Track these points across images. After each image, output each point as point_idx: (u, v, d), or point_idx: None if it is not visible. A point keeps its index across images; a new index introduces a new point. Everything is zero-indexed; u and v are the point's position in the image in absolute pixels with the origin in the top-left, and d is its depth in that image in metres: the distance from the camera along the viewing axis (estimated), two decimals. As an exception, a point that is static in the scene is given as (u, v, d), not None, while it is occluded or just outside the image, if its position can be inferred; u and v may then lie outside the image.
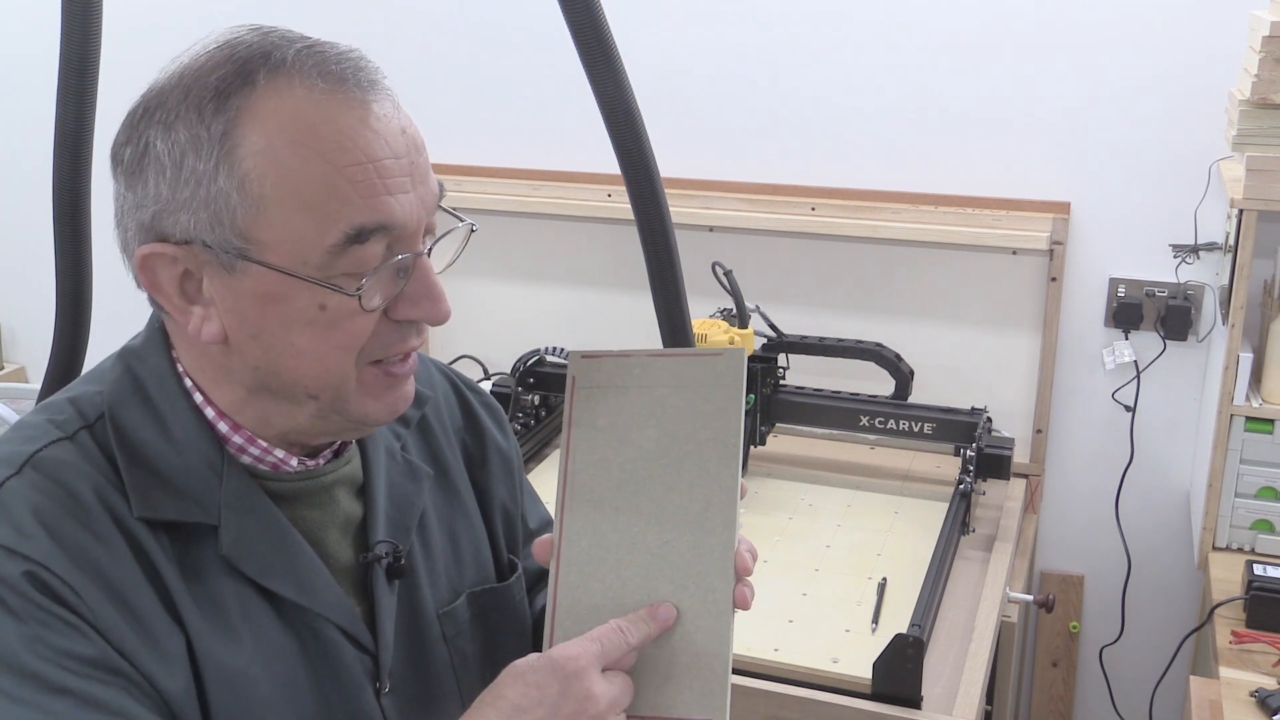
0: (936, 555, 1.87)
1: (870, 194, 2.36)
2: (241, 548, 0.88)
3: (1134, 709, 2.42)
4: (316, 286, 0.84)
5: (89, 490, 0.85)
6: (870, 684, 1.60)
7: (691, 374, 0.92)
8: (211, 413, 0.91)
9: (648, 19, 2.41)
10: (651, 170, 1.46)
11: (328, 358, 0.87)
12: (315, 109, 0.84)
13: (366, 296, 0.85)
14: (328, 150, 0.83)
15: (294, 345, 0.86)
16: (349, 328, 0.86)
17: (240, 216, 0.83)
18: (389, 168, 0.85)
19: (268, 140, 0.82)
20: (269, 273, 0.84)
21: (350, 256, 0.84)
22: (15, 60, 2.88)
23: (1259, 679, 1.65)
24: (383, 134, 0.86)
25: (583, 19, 1.38)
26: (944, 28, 2.27)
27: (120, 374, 0.92)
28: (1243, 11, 2.04)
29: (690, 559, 0.88)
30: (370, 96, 0.87)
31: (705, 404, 0.91)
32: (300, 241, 0.83)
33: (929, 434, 2.19)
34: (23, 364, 3.11)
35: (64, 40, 1.30)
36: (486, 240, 2.71)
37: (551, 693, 0.83)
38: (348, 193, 0.83)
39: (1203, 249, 2.20)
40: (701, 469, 0.90)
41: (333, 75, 0.85)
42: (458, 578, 1.04)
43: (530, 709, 0.83)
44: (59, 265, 1.38)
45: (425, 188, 0.89)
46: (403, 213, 0.86)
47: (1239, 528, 2.01)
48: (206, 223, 0.83)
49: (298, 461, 0.94)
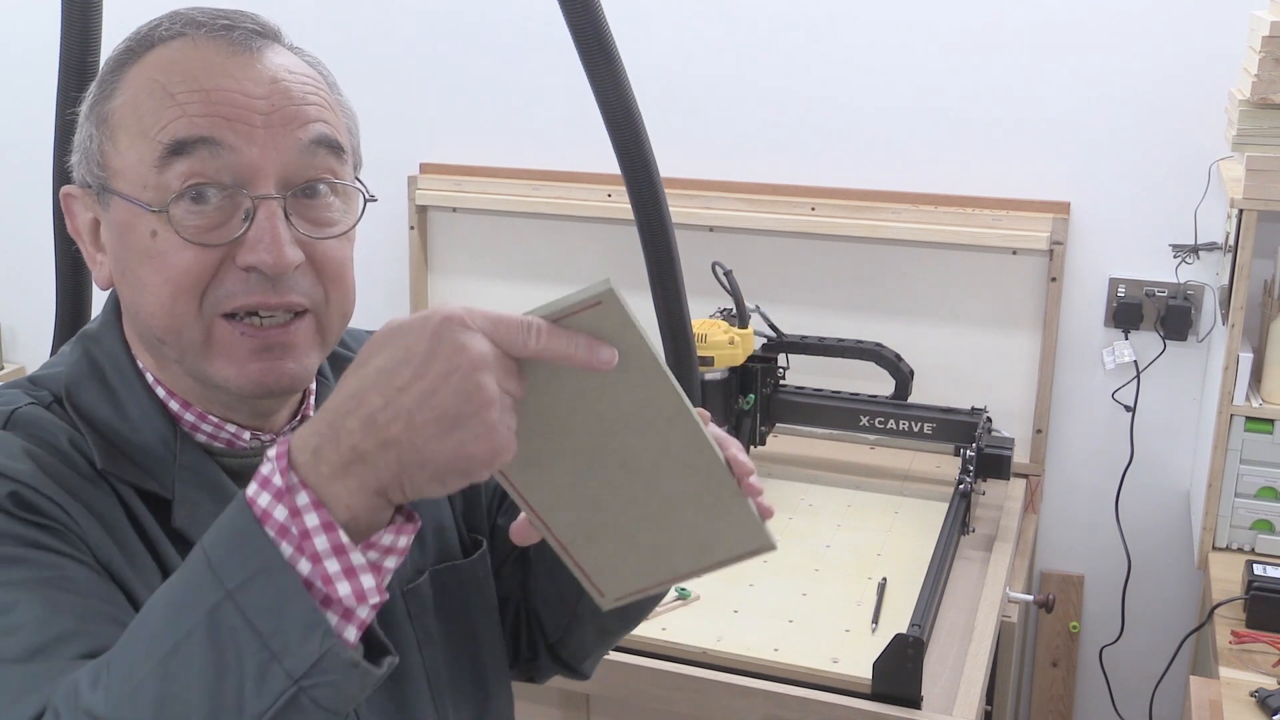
0: (936, 555, 1.87)
1: (870, 194, 2.36)
2: (196, 523, 0.89)
3: (1134, 709, 2.42)
4: (146, 211, 0.87)
5: (65, 442, 0.88)
6: (870, 684, 1.60)
7: (579, 326, 0.76)
8: (163, 392, 0.93)
9: (648, 19, 2.41)
10: (651, 170, 1.46)
11: (162, 292, 0.88)
12: (180, 53, 0.89)
13: (177, 218, 0.86)
14: (172, 80, 0.87)
15: (141, 280, 0.89)
16: (176, 260, 0.87)
17: (97, 146, 0.90)
18: (233, 98, 0.87)
19: (133, 79, 0.89)
20: (121, 202, 0.88)
21: (173, 173, 0.86)
22: (15, 60, 2.88)
23: (1259, 679, 1.65)
24: (236, 74, 0.88)
25: (583, 19, 1.38)
26: (944, 28, 2.27)
27: (78, 357, 0.95)
28: (1243, 11, 2.04)
29: (668, 464, 0.81)
30: (242, 50, 0.89)
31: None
32: (138, 165, 0.87)
33: (929, 434, 2.19)
34: (23, 364, 3.11)
35: (64, 40, 1.30)
36: (486, 240, 2.73)
37: (419, 350, 0.70)
38: (175, 112, 0.86)
39: (1203, 249, 2.20)
40: (635, 401, 0.79)
41: (215, 31, 0.90)
42: (420, 556, 1.04)
43: (396, 370, 0.70)
44: (59, 265, 1.38)
45: (289, 137, 0.88)
46: (236, 139, 0.86)
47: (1239, 528, 2.01)
48: (81, 161, 0.92)
49: (250, 435, 0.95)
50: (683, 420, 0.81)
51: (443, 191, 2.60)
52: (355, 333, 1.13)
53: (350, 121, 0.97)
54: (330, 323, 0.94)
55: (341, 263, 0.93)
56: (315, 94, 0.92)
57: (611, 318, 0.76)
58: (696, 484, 0.82)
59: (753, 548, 0.86)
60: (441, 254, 2.70)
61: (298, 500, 0.70)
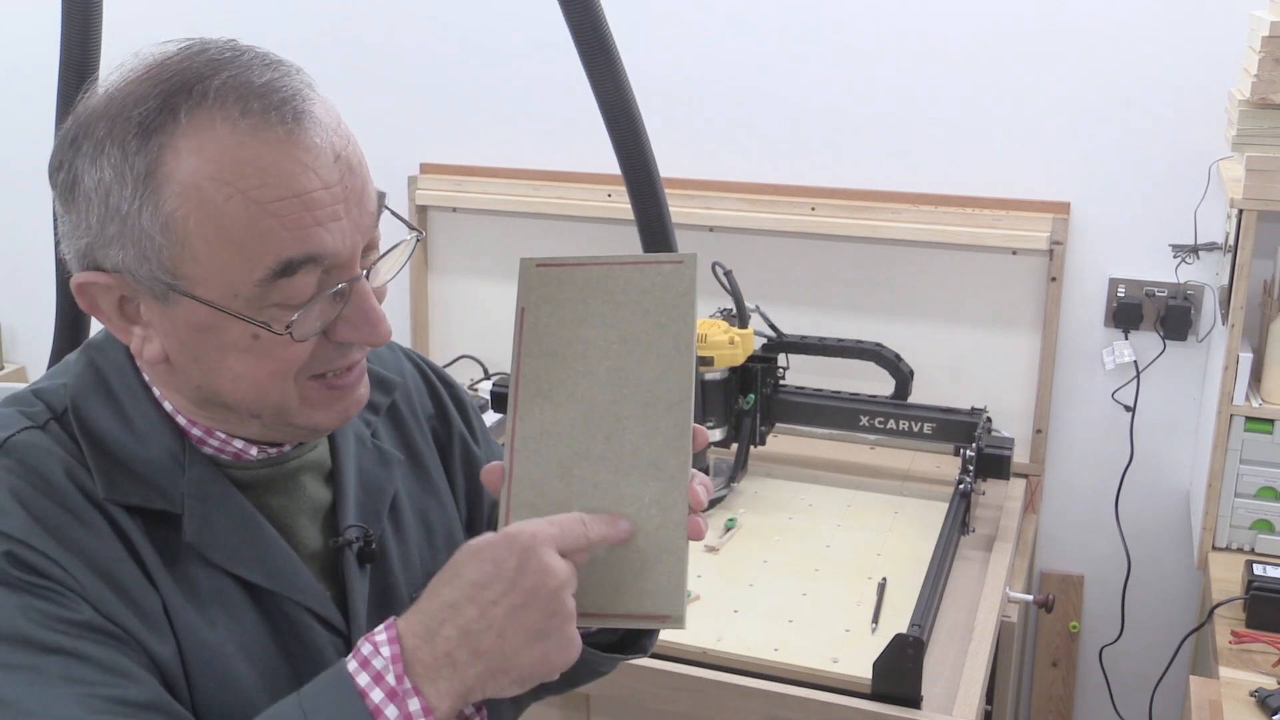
0: (936, 555, 1.87)
1: (870, 194, 2.36)
2: (206, 536, 0.90)
3: (1134, 709, 2.42)
4: (240, 320, 0.85)
5: (60, 472, 0.87)
6: (870, 684, 1.60)
7: (647, 279, 0.91)
8: (170, 406, 0.92)
9: (648, 20, 2.41)
10: (651, 170, 1.46)
11: (264, 383, 0.88)
12: (238, 145, 0.82)
13: (298, 329, 0.86)
14: (250, 187, 0.82)
15: (231, 370, 0.87)
16: (283, 355, 0.87)
17: (166, 255, 0.83)
18: (318, 199, 0.84)
19: (190, 179, 0.82)
20: (200, 305, 0.85)
21: (280, 289, 0.84)
22: (15, 61, 2.88)
23: (1259, 679, 1.65)
24: (310, 165, 0.83)
25: (583, 19, 1.38)
26: (944, 28, 2.27)
27: (84, 367, 0.93)
28: (1243, 12, 2.04)
29: (645, 454, 0.87)
30: (296, 127, 0.84)
31: (659, 309, 0.90)
32: (228, 276, 0.83)
33: (929, 434, 2.19)
34: (23, 364, 3.11)
35: (64, 41, 1.30)
36: (486, 240, 2.73)
37: (509, 567, 0.81)
38: (273, 228, 0.82)
39: (1202, 249, 2.20)
40: (657, 368, 0.89)
41: (255, 110, 0.82)
42: (431, 561, 1.05)
43: (488, 584, 0.81)
44: (59, 265, 1.38)
45: (360, 209, 0.87)
46: (334, 242, 0.85)
47: (1239, 528, 2.01)
48: (135, 258, 0.84)
49: (258, 450, 0.95)
50: (681, 410, 0.88)
51: (443, 191, 2.60)
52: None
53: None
54: None
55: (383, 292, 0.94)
56: (352, 144, 0.88)
57: (680, 280, 0.90)
58: (655, 490, 0.87)
59: (662, 611, 0.87)
60: (441, 254, 2.70)
61: (409, 706, 0.80)
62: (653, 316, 0.90)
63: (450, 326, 2.73)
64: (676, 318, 0.89)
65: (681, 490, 0.86)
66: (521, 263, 0.95)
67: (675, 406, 0.87)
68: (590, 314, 0.90)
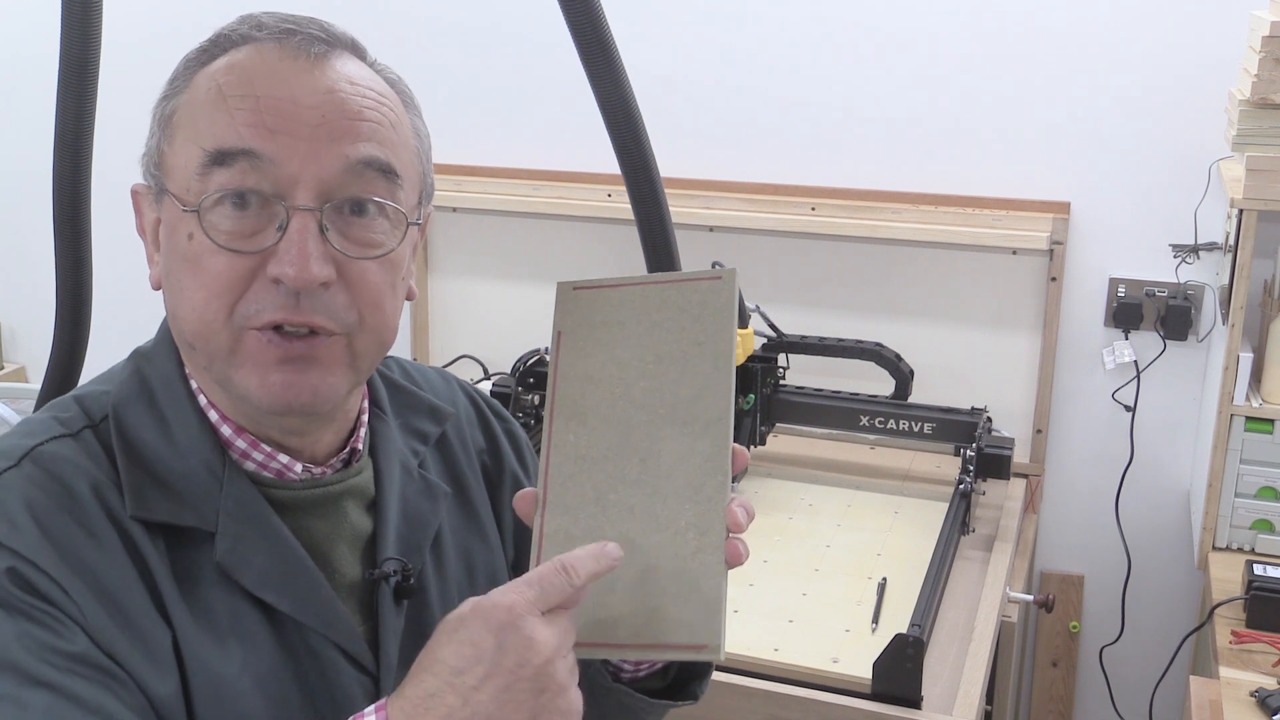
0: (936, 555, 1.87)
1: (870, 194, 2.36)
2: (238, 556, 0.87)
3: (1134, 709, 2.42)
4: (185, 212, 0.86)
5: (85, 486, 0.84)
6: (870, 684, 1.60)
7: (684, 297, 0.90)
8: (215, 415, 0.90)
9: (648, 19, 2.41)
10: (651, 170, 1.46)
11: (195, 297, 0.86)
12: (246, 58, 0.87)
13: (212, 222, 0.84)
14: (228, 83, 0.86)
15: (180, 283, 0.88)
16: (209, 265, 0.85)
17: (158, 146, 0.89)
18: (280, 108, 0.85)
19: (197, 84, 0.88)
20: (170, 201, 0.87)
21: (215, 178, 0.84)
22: (15, 60, 2.88)
23: (1259, 679, 1.65)
24: (291, 81, 0.86)
25: (583, 19, 1.37)
26: (944, 28, 2.27)
27: (129, 375, 0.92)
28: (1243, 12, 2.04)
29: (681, 475, 0.84)
30: (306, 60, 0.87)
31: (697, 326, 0.88)
32: (186, 167, 0.86)
33: (929, 434, 2.19)
34: (23, 364, 3.11)
35: (64, 41, 1.30)
36: (486, 240, 2.73)
37: (487, 647, 0.75)
38: (224, 117, 0.85)
39: (1203, 249, 2.20)
40: (694, 386, 0.87)
41: (275, 33, 0.88)
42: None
43: (467, 669, 0.75)
44: (59, 265, 1.37)
45: (334, 149, 0.85)
46: (277, 150, 0.84)
47: (1239, 528, 2.01)
48: (145, 159, 0.91)
49: (302, 468, 0.92)
50: (719, 428, 0.85)
51: (443, 191, 2.59)
52: (423, 369, 1.10)
53: (421, 144, 0.94)
54: (363, 348, 0.89)
55: (379, 288, 0.88)
56: (376, 110, 0.88)
57: (720, 296, 0.88)
58: (691, 513, 0.83)
59: (698, 641, 0.81)
60: (441, 254, 2.70)
61: None
62: (691, 334, 0.88)
63: (450, 326, 2.73)
64: (715, 334, 0.87)
65: (719, 512, 0.82)
66: (559, 287, 0.93)
67: (713, 425, 0.85)
68: (627, 335, 0.89)
